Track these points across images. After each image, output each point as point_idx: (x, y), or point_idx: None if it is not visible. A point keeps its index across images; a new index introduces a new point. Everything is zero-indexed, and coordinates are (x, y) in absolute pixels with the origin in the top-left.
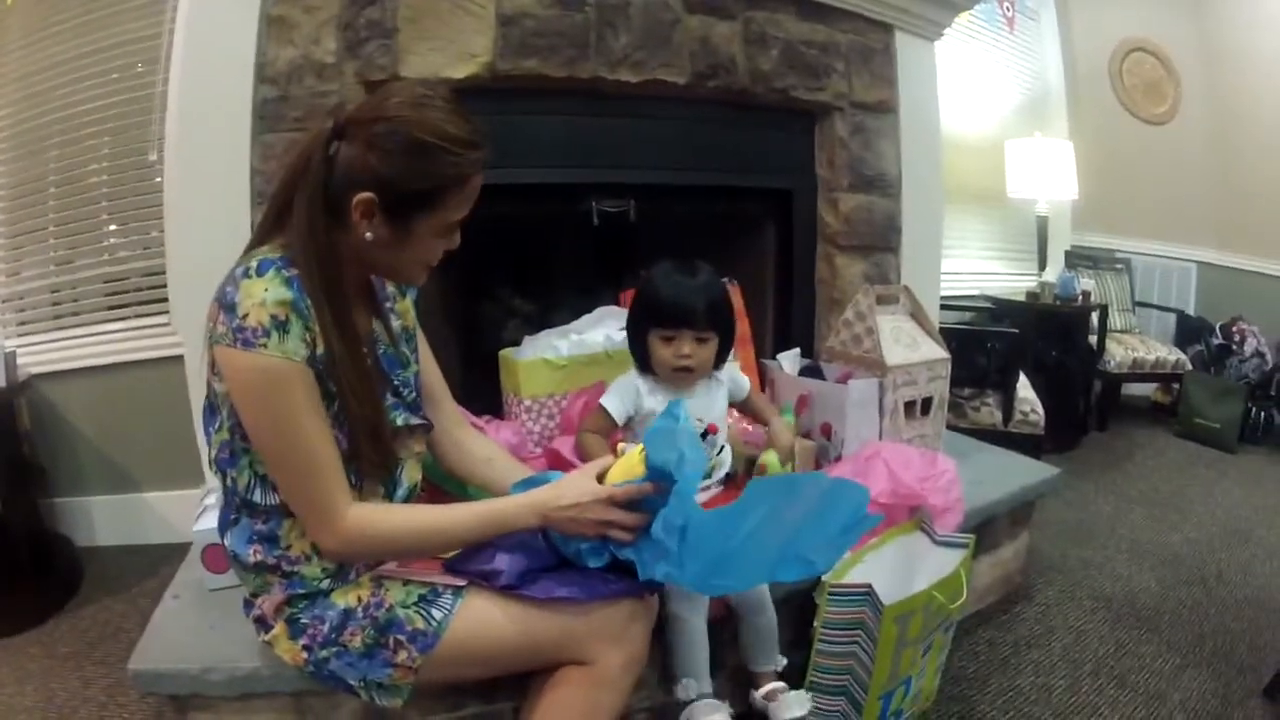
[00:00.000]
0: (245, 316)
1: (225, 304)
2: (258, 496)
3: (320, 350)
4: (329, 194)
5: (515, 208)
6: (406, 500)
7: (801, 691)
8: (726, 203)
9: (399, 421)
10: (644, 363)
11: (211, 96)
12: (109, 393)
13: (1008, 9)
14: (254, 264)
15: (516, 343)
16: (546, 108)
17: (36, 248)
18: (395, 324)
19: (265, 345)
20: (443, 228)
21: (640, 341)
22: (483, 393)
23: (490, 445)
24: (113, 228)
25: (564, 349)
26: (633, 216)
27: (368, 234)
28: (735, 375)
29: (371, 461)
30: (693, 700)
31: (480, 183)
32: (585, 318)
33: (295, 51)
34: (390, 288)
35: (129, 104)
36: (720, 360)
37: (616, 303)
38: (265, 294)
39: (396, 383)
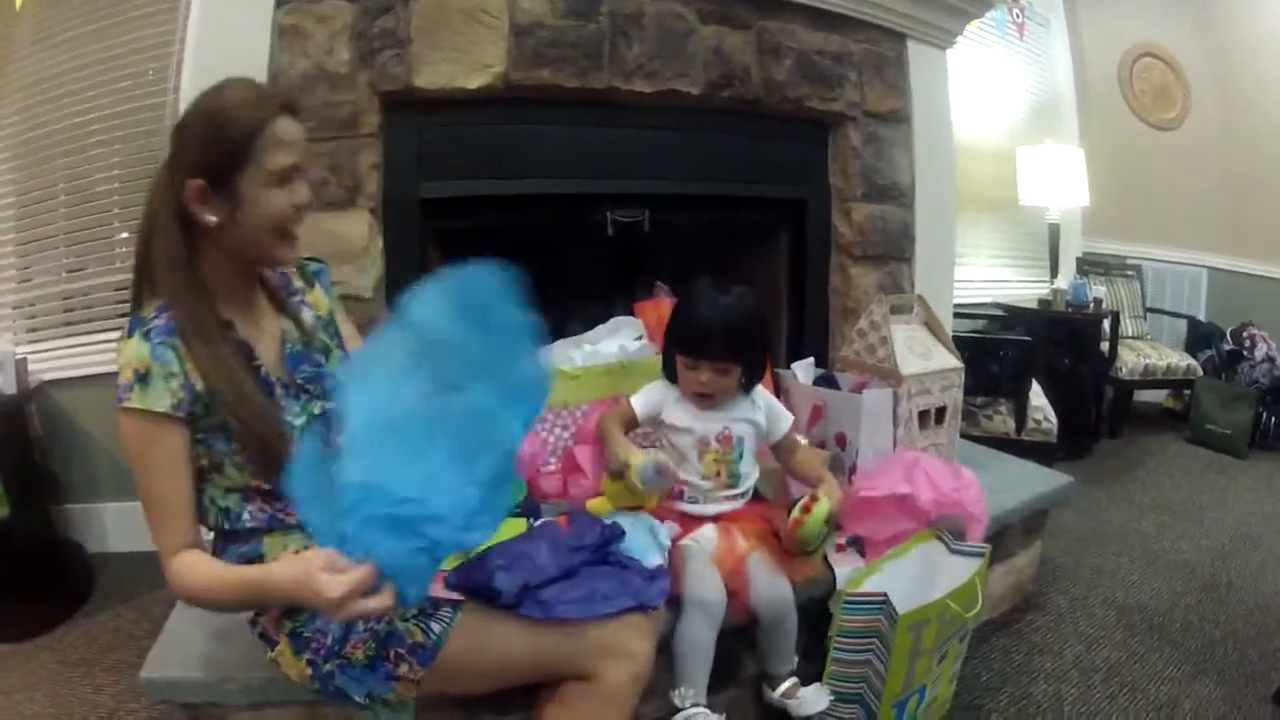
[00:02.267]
0: (118, 376)
1: None
2: (227, 524)
3: (199, 385)
4: (181, 217)
5: (529, 218)
6: None
7: (819, 685)
8: (740, 212)
9: (316, 410)
10: (672, 375)
11: None
12: None
13: (1017, 16)
14: (127, 327)
15: None
16: (560, 118)
17: (47, 254)
18: (308, 316)
19: (130, 400)
20: (269, 177)
21: (670, 357)
22: None
23: None
24: (124, 235)
25: (578, 359)
26: (647, 226)
27: (210, 217)
28: (775, 408)
29: (264, 468)
30: (686, 709)
31: (290, 128)
32: (600, 328)
33: (308, 62)
34: (298, 281)
35: (140, 111)
36: (752, 382)
37: (631, 313)
38: (129, 353)
39: (302, 378)
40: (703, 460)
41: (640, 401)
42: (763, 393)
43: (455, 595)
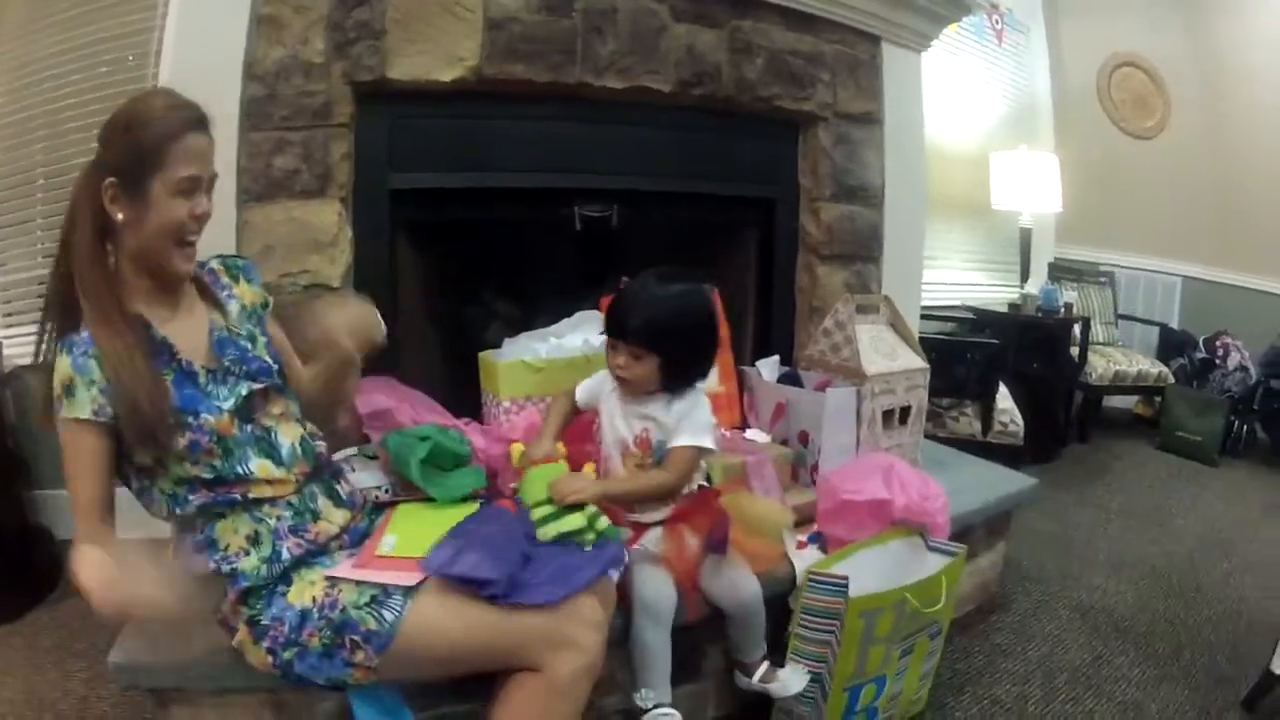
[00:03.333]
0: (54, 389)
1: None
2: (179, 509)
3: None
4: (96, 213)
5: (498, 211)
6: (293, 457)
7: (797, 665)
8: (709, 210)
9: (244, 391)
10: None
11: (200, 93)
12: None
13: (996, 22)
14: (59, 345)
15: (497, 345)
16: (532, 112)
17: (23, 240)
18: (234, 307)
19: (61, 412)
20: (175, 185)
21: None
22: (464, 394)
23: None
24: None
25: (543, 352)
26: (615, 222)
27: (119, 215)
28: (684, 419)
29: (143, 445)
30: (649, 710)
31: (201, 142)
32: (564, 321)
33: (284, 51)
34: (225, 278)
35: (118, 97)
36: (675, 385)
37: (597, 307)
38: (58, 371)
39: (229, 360)
40: (625, 465)
41: (583, 386)
42: (691, 400)
43: (407, 581)
